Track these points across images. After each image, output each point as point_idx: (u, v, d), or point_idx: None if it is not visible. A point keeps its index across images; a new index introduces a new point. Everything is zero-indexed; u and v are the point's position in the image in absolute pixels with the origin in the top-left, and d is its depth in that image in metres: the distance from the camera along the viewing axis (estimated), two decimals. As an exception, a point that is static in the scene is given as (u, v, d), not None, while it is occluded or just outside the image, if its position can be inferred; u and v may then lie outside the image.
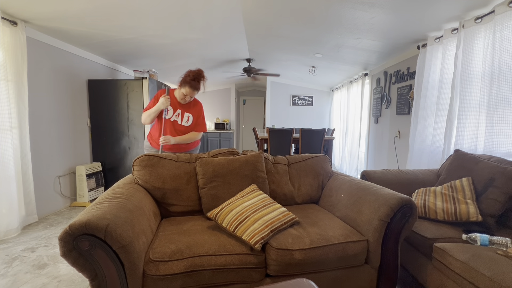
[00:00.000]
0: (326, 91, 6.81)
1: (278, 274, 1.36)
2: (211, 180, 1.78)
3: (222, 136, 7.39)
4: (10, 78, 2.48)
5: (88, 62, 3.73)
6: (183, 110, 2.25)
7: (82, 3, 2.35)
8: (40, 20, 2.62)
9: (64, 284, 1.73)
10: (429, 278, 1.51)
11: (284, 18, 2.89)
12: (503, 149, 2.01)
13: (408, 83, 3.45)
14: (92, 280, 1.10)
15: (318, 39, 3.42)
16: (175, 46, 3.80)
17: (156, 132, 2.28)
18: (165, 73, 5.25)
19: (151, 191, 1.73)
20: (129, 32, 3.10)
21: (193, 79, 2.09)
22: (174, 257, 1.24)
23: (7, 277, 1.80)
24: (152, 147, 2.32)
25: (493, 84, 2.06)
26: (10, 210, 2.45)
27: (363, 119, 4.87)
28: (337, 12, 2.56)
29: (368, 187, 1.68)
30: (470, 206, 1.63)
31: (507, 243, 1.36)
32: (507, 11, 1.93)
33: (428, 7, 2.27)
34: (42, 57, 2.95)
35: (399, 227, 1.44)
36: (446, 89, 2.63)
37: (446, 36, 2.57)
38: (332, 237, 1.43)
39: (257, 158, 1.91)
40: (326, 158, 2.18)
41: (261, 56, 4.68)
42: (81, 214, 1.13)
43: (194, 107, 2.30)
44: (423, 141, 2.93)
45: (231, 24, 3.19)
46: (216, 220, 1.50)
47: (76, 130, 3.51)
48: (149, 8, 2.56)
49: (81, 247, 1.05)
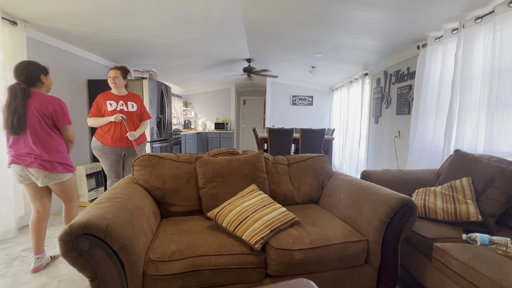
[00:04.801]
0: (326, 91, 6.81)
1: (278, 274, 1.36)
2: (211, 180, 1.78)
3: (222, 136, 7.39)
4: (9, 78, 2.48)
5: (88, 62, 3.73)
6: (125, 100, 2.59)
7: (82, 3, 2.35)
8: (40, 20, 2.62)
9: (64, 284, 1.73)
10: (429, 278, 1.51)
11: (284, 18, 2.89)
12: (503, 149, 2.01)
13: (408, 83, 3.45)
14: (92, 280, 1.10)
15: (318, 39, 3.42)
16: (175, 46, 3.80)
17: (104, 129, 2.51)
18: (165, 73, 5.25)
19: (151, 191, 1.73)
20: (129, 32, 3.10)
21: (113, 67, 2.57)
22: (174, 257, 1.24)
23: (7, 277, 1.80)
24: (104, 145, 2.50)
25: (493, 84, 2.06)
26: (8, 210, 2.45)
27: (363, 119, 4.87)
28: (337, 12, 2.56)
29: (368, 187, 1.67)
30: (470, 206, 1.63)
31: (507, 243, 1.36)
32: (507, 11, 1.93)
33: (428, 7, 2.27)
34: (42, 57, 2.95)
35: (399, 227, 1.44)
36: (446, 89, 2.63)
37: (446, 36, 2.57)
38: (332, 237, 1.43)
39: (257, 158, 1.91)
40: (326, 158, 2.18)
41: (261, 56, 4.68)
42: (81, 214, 1.13)
43: (134, 98, 2.67)
44: (423, 141, 2.93)
45: (231, 24, 3.19)
46: (216, 220, 1.50)
47: (76, 130, 3.50)
48: (149, 8, 2.56)
49: (81, 247, 1.05)
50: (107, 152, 2.52)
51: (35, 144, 1.74)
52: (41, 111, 1.74)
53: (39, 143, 1.75)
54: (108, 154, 2.53)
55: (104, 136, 2.49)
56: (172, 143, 4.72)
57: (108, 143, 2.49)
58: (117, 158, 2.58)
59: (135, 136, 2.56)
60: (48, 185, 1.83)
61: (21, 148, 1.74)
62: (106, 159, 2.53)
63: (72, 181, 1.97)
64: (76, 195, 2.02)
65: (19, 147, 1.74)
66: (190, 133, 6.60)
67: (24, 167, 1.75)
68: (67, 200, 1.96)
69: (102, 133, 2.51)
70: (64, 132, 1.88)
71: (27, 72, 1.74)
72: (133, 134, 2.54)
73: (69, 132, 1.90)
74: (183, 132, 6.22)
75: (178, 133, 5.34)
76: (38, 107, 1.73)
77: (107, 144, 2.49)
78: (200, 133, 7.42)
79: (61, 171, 1.83)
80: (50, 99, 1.80)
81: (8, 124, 1.68)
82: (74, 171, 2.00)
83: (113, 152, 2.54)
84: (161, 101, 4.04)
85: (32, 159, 1.74)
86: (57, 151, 1.82)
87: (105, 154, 2.52)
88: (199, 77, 6.27)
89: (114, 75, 2.52)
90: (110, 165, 2.56)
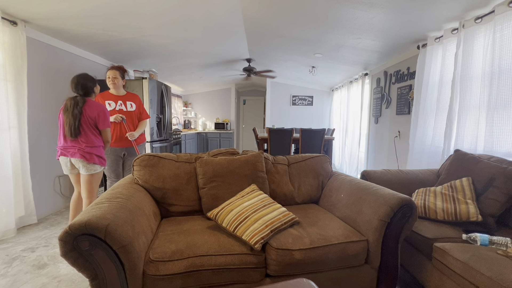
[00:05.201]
0: (326, 91, 6.81)
1: (278, 274, 1.36)
2: (211, 180, 1.78)
3: (222, 136, 7.39)
4: (9, 78, 2.48)
5: (88, 62, 3.73)
6: (124, 100, 2.62)
7: (82, 3, 2.35)
8: (40, 20, 2.62)
9: (64, 284, 1.73)
10: (429, 278, 1.51)
11: (284, 18, 2.89)
12: (503, 149, 2.01)
13: (408, 83, 3.45)
14: (92, 280, 1.10)
15: (318, 39, 3.42)
16: (175, 46, 3.80)
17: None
18: (165, 73, 5.25)
19: (151, 191, 1.73)
20: (129, 32, 3.10)
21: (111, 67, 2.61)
22: (174, 257, 1.24)
23: (7, 277, 1.80)
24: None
25: (493, 84, 2.06)
26: (8, 210, 2.45)
27: (363, 119, 4.87)
28: (337, 12, 2.56)
29: (368, 187, 1.67)
30: (470, 206, 1.63)
31: (507, 243, 1.36)
32: (507, 11, 1.93)
33: (428, 7, 2.27)
34: (42, 57, 2.95)
35: (399, 227, 1.44)
36: (446, 89, 2.63)
37: (446, 36, 2.57)
38: (332, 237, 1.43)
39: (257, 158, 1.91)
40: (326, 158, 2.18)
41: (261, 56, 4.68)
42: (81, 214, 1.13)
43: (133, 98, 2.70)
44: (423, 141, 2.93)
45: (231, 24, 3.19)
46: (216, 220, 1.50)
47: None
48: (149, 8, 2.56)
49: (81, 247, 1.05)
50: (107, 152, 2.52)
51: (82, 139, 2.12)
52: (89, 115, 2.13)
53: (84, 139, 2.13)
54: (108, 154, 2.53)
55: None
56: (172, 143, 4.72)
57: None
58: (117, 158, 2.59)
59: (134, 136, 2.58)
60: (84, 174, 2.19)
61: (69, 143, 2.14)
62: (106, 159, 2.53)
63: (100, 175, 2.31)
64: (97, 190, 2.34)
65: (67, 142, 2.14)
66: (190, 133, 6.60)
67: (70, 157, 2.14)
68: (90, 191, 2.25)
69: None
70: (104, 133, 2.25)
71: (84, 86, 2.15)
72: (133, 134, 2.56)
73: (107, 133, 2.27)
74: (183, 132, 6.22)
75: (178, 133, 5.34)
76: (88, 112, 2.12)
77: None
78: (200, 133, 7.41)
79: (97, 162, 2.20)
80: (97, 105, 2.17)
81: (68, 128, 2.08)
82: (105, 166, 2.33)
83: (113, 152, 2.55)
84: (161, 101, 4.04)
85: (75, 151, 2.12)
86: (96, 146, 2.19)
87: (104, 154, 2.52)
88: (199, 77, 6.27)
89: (113, 75, 2.54)
90: (110, 165, 2.57)
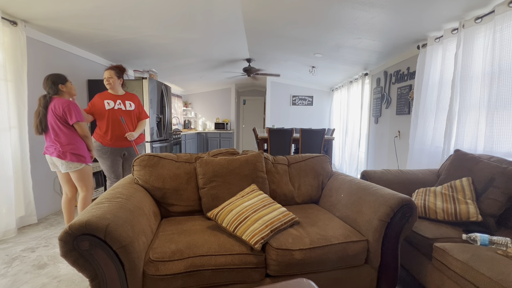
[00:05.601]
0: (326, 91, 6.81)
1: (278, 274, 1.36)
2: (211, 180, 1.78)
3: (222, 136, 7.39)
4: (9, 78, 2.48)
5: (88, 62, 3.73)
6: (123, 99, 2.60)
7: (82, 3, 2.35)
8: (40, 20, 2.62)
9: (64, 284, 1.73)
10: (429, 278, 1.51)
11: (284, 18, 2.89)
12: (503, 149, 2.01)
13: (408, 83, 3.45)
14: (92, 280, 1.10)
15: (318, 39, 3.42)
16: (175, 46, 3.80)
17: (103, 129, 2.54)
18: (165, 73, 5.25)
19: (151, 191, 1.73)
20: (129, 32, 3.10)
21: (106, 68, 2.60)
22: (174, 257, 1.24)
23: (7, 277, 1.80)
24: (103, 145, 2.53)
25: (493, 84, 2.06)
26: (9, 210, 2.45)
27: (363, 119, 4.87)
28: (337, 12, 2.56)
29: (368, 187, 1.67)
30: (470, 206, 1.63)
31: (507, 243, 1.36)
32: (507, 11, 1.93)
33: (428, 7, 2.27)
34: (42, 57, 2.95)
35: (399, 227, 1.44)
36: (446, 89, 2.63)
37: (446, 36, 2.57)
38: (332, 237, 1.43)
39: (257, 158, 1.91)
40: (326, 158, 2.18)
41: (261, 56, 4.68)
42: (81, 214, 1.13)
43: (132, 97, 2.69)
44: (423, 141, 2.93)
45: (231, 24, 3.19)
46: (216, 220, 1.50)
47: (76, 130, 3.51)
48: (149, 8, 2.56)
49: (81, 247, 1.05)
50: (106, 152, 2.52)
51: (55, 138, 2.15)
52: (56, 112, 2.11)
53: (57, 138, 2.15)
54: (108, 154, 2.53)
55: (104, 137, 2.50)
56: (172, 143, 4.72)
57: (107, 143, 2.50)
58: (116, 158, 2.59)
59: (133, 136, 2.58)
60: (68, 172, 2.21)
61: (48, 142, 2.19)
62: (105, 159, 2.53)
63: (87, 170, 2.30)
64: (90, 185, 2.35)
65: (48, 141, 2.20)
66: (190, 133, 6.60)
67: (50, 156, 2.20)
68: (82, 188, 2.29)
69: (101, 134, 2.51)
70: (77, 128, 2.19)
71: (49, 84, 2.14)
72: (132, 134, 2.56)
73: (81, 127, 2.21)
74: (183, 132, 6.22)
75: (178, 133, 5.34)
76: (55, 109, 2.11)
77: (106, 144, 2.51)
78: (200, 133, 7.41)
79: (74, 160, 2.18)
80: (62, 102, 2.12)
81: (34, 126, 2.15)
82: (89, 163, 2.30)
83: (113, 152, 2.55)
84: (161, 101, 4.04)
85: (53, 150, 2.16)
86: (70, 144, 2.17)
87: (104, 154, 2.52)
88: (199, 77, 6.27)
89: (108, 75, 2.53)
90: (109, 165, 2.57)
